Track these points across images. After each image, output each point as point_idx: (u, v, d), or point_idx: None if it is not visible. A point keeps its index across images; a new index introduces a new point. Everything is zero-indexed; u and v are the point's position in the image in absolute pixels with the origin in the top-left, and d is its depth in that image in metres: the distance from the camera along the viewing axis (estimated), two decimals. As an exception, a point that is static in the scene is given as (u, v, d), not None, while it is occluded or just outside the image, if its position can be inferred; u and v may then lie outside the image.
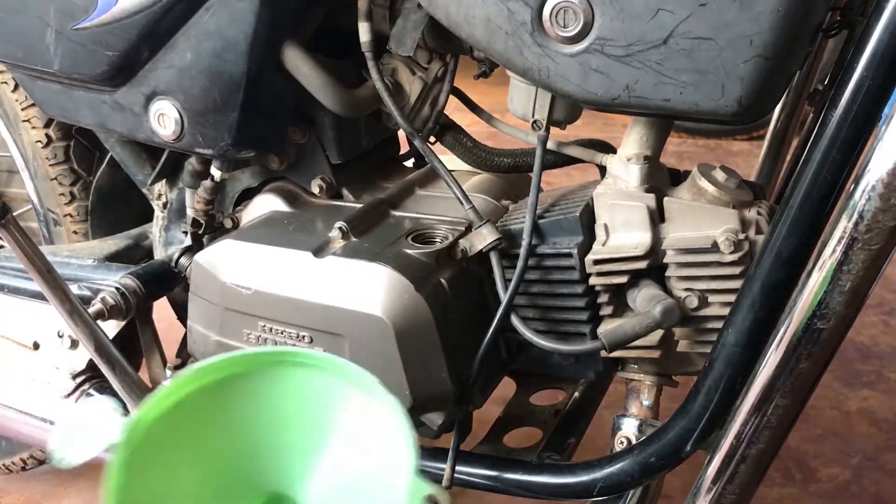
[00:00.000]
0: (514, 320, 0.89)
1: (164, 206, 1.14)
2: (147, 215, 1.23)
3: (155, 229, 1.16)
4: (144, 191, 1.16)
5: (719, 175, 0.87)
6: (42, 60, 0.96)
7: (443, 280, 0.89)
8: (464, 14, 0.78)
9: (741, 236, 0.84)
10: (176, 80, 0.92)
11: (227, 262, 0.93)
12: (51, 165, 1.24)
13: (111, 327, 1.07)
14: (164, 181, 1.13)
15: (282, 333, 0.92)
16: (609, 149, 0.98)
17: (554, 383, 1.13)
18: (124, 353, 1.05)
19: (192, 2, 0.88)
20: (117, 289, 1.02)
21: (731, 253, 0.83)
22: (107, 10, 0.89)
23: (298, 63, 0.92)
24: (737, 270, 0.84)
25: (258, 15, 0.87)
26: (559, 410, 1.08)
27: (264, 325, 0.93)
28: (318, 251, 0.90)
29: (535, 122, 0.92)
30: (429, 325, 0.86)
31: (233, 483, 0.51)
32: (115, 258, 1.17)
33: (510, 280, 0.89)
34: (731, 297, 0.82)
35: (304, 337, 0.91)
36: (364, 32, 0.93)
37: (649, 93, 0.74)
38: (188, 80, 0.92)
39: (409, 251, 0.90)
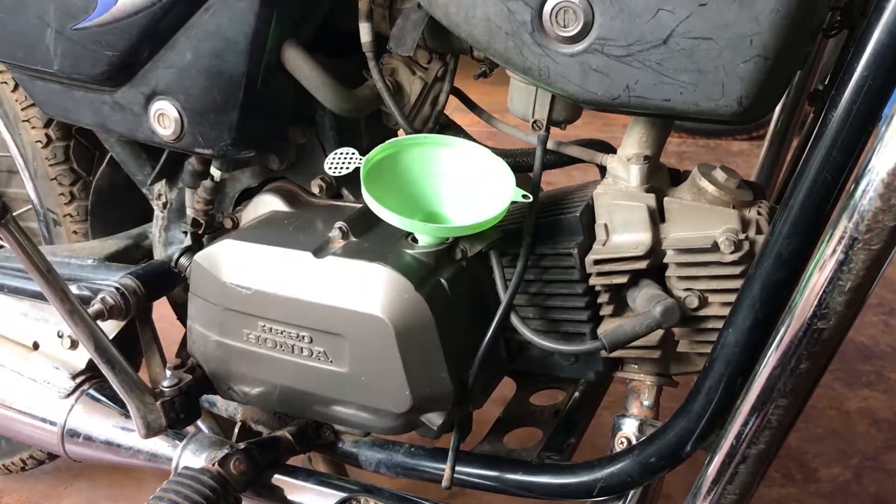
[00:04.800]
0: (514, 320, 0.89)
1: (164, 206, 1.14)
2: (147, 215, 1.23)
3: (155, 229, 1.16)
4: (144, 191, 1.16)
5: (719, 175, 0.87)
6: (42, 60, 0.96)
7: (443, 280, 0.89)
8: (463, 14, 0.78)
9: (741, 236, 0.84)
10: (176, 79, 0.92)
11: (226, 262, 0.93)
12: (51, 165, 1.24)
13: (111, 327, 1.07)
14: (163, 181, 1.13)
15: (281, 333, 0.92)
16: (609, 149, 0.98)
17: (554, 383, 1.13)
18: (124, 353, 1.06)
19: (191, 2, 0.88)
20: (117, 289, 1.02)
21: (732, 253, 0.83)
22: (106, 10, 0.89)
23: (299, 63, 0.92)
24: (737, 270, 0.84)
25: (258, 15, 0.87)
26: (559, 410, 1.08)
27: (264, 325, 0.92)
28: (318, 251, 0.90)
29: (535, 122, 0.92)
30: (429, 325, 0.86)
31: (410, 205, 0.91)
32: (114, 258, 1.16)
33: (510, 280, 0.89)
34: (732, 297, 0.82)
35: (304, 337, 0.90)
36: (365, 33, 0.93)
37: (649, 93, 0.74)
38: (188, 79, 0.92)
39: (409, 251, 0.90)
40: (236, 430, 1.13)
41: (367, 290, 0.87)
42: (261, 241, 0.93)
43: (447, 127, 1.03)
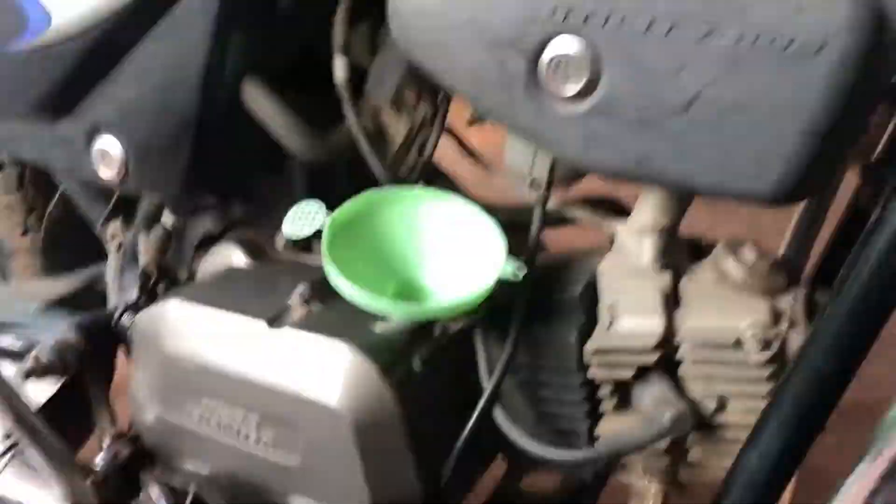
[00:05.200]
0: (498, 416, 0.76)
1: (118, 247, 1.01)
2: (105, 253, 1.10)
3: (109, 273, 1.04)
4: (97, 230, 1.04)
5: (748, 254, 0.74)
6: (-27, 84, 0.85)
7: (416, 362, 0.76)
8: (446, 59, 0.65)
9: (771, 332, 0.70)
10: (120, 115, 0.80)
11: (169, 326, 0.81)
12: (3, 193, 1.12)
13: (51, 385, 0.95)
14: (119, 219, 1.01)
15: (227, 415, 0.79)
16: (622, 210, 0.85)
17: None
18: (76, 409, 0.94)
19: (136, 27, 0.76)
20: (54, 343, 0.90)
21: (759, 352, 0.70)
22: (39, 33, 0.77)
23: (260, 101, 0.79)
24: (764, 373, 0.70)
25: (210, 44, 0.74)
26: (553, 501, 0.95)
27: (208, 403, 0.80)
28: (274, 320, 0.77)
29: (532, 180, 0.79)
30: (394, 418, 0.73)
31: (383, 270, 0.78)
32: (64, 302, 1.04)
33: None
34: (757, 404, 0.69)
35: (250, 421, 0.78)
36: (339, 68, 0.80)
37: (666, 168, 0.60)
38: (133, 115, 0.80)
39: (379, 325, 0.77)
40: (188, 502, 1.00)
41: (323, 372, 0.74)
42: (209, 304, 0.80)
43: (436, 177, 0.90)
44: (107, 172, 0.83)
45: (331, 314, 0.78)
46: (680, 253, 0.78)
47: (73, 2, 0.75)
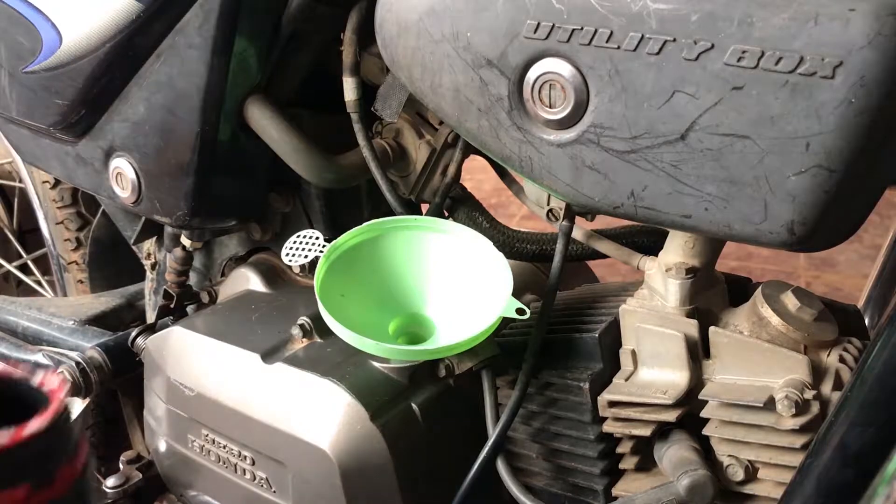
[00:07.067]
0: (501, 469, 0.69)
1: (153, 266, 1.01)
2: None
3: (147, 290, 1.03)
4: (134, 248, 1.03)
5: (790, 302, 0.64)
6: (2, 104, 0.85)
7: (415, 406, 0.71)
8: (429, 80, 0.59)
9: (808, 394, 0.60)
10: (131, 136, 0.79)
11: (172, 355, 0.79)
12: (58, 208, 1.14)
13: (78, 403, 0.95)
14: (154, 239, 1.00)
15: (224, 448, 0.76)
16: (657, 245, 0.76)
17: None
18: (108, 424, 0.94)
19: (141, 47, 0.74)
20: (77, 363, 0.90)
21: (793, 417, 0.60)
22: (52, 54, 0.76)
23: (264, 123, 0.76)
24: (797, 441, 0.61)
25: (210, 65, 0.71)
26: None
27: (207, 435, 0.77)
28: (269, 354, 0.74)
29: (549, 210, 0.72)
30: (384, 465, 0.68)
31: (386, 302, 0.73)
32: (101, 319, 1.04)
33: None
34: (789, 476, 0.59)
35: (246, 457, 0.74)
36: (349, 89, 0.75)
37: (662, 204, 0.52)
38: (142, 136, 0.78)
39: (378, 364, 0.72)
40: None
41: (313, 413, 0.69)
42: (210, 334, 0.77)
43: (460, 201, 0.84)
44: (123, 193, 0.82)
45: (330, 349, 0.74)
46: (716, 295, 0.69)
47: (82, 21, 0.74)
